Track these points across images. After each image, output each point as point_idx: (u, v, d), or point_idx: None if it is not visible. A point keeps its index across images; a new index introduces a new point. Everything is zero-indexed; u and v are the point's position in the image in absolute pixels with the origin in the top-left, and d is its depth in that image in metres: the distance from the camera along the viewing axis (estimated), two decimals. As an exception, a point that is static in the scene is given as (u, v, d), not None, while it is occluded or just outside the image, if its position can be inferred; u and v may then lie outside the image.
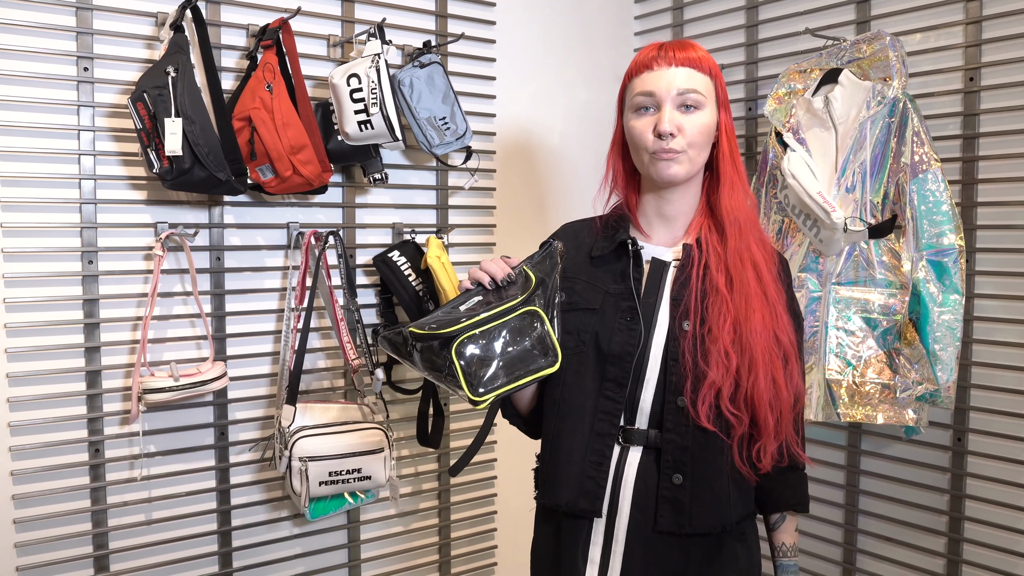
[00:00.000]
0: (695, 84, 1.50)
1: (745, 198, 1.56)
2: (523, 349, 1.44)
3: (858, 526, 2.54)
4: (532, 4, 2.86)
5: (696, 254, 1.54)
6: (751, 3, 2.75)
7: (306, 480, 2.16)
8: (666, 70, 1.50)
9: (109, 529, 2.17)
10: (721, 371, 1.45)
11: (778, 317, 1.51)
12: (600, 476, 1.49)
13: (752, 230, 1.54)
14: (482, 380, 1.40)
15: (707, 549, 1.51)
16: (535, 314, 1.45)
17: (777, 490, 1.61)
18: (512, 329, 1.44)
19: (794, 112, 2.37)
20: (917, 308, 2.15)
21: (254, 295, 2.36)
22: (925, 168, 2.12)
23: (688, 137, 1.49)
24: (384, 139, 2.23)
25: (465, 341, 1.40)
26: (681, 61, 1.50)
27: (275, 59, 2.17)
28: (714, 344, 1.47)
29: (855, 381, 2.22)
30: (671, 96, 1.49)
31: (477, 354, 1.40)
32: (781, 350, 1.50)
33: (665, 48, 1.52)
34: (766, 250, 1.56)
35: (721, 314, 1.48)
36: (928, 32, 2.33)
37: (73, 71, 2.08)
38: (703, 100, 1.50)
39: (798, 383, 1.54)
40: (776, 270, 1.58)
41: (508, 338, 1.43)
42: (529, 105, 2.87)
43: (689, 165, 1.51)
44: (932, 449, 2.36)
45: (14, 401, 2.04)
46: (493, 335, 1.42)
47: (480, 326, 1.41)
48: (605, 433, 1.50)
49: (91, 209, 2.11)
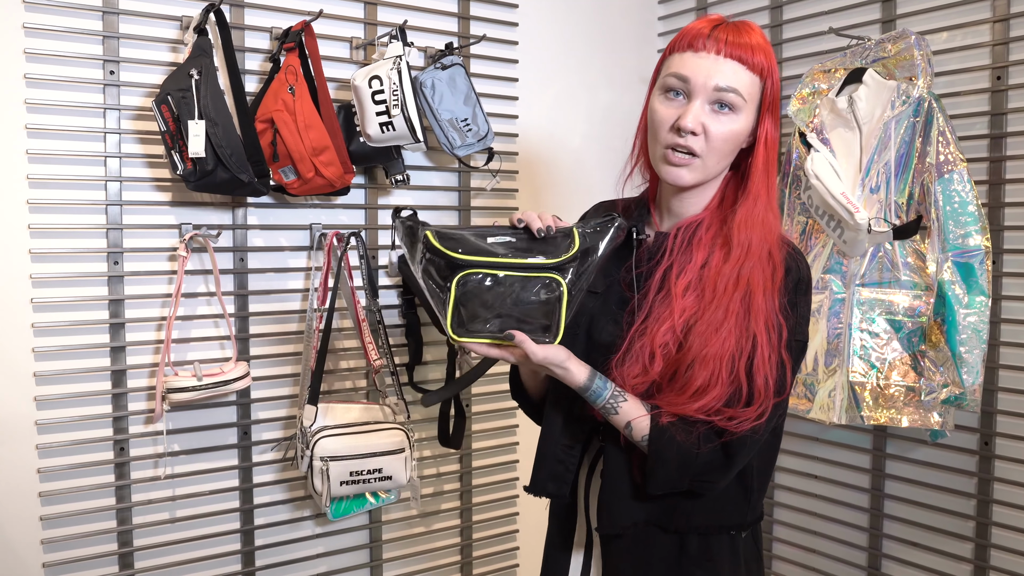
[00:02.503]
0: (738, 83, 1.30)
1: (767, 215, 1.36)
2: (526, 312, 1.30)
3: (883, 530, 2.51)
4: (555, 5, 2.86)
5: (669, 244, 1.39)
6: (775, 3, 2.73)
7: (327, 480, 2.17)
8: (711, 58, 1.30)
9: (133, 527, 2.20)
10: (637, 370, 1.33)
11: (758, 351, 1.29)
12: (569, 460, 1.42)
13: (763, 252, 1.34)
14: (469, 321, 1.29)
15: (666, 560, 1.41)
16: (557, 284, 1.29)
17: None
18: (526, 288, 1.29)
19: (818, 112, 2.35)
20: (942, 310, 2.12)
21: (277, 296, 2.37)
22: (951, 168, 2.09)
23: (711, 142, 1.31)
24: (406, 141, 2.24)
25: (472, 275, 1.27)
26: (731, 51, 1.30)
27: (298, 61, 2.18)
28: (641, 341, 1.34)
29: (879, 384, 2.19)
30: (707, 90, 1.30)
31: (478, 294, 1.28)
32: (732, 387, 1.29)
33: (719, 29, 1.31)
34: (775, 269, 1.34)
35: (663, 315, 1.33)
36: (954, 31, 2.30)
37: (100, 74, 2.11)
38: (741, 104, 1.31)
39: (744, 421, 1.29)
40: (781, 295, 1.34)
41: (517, 294, 1.29)
42: (551, 107, 2.87)
43: (701, 173, 1.35)
44: (958, 453, 2.33)
45: (41, 400, 2.07)
46: (504, 283, 1.28)
47: (496, 268, 1.28)
48: (581, 418, 1.42)
49: (117, 210, 2.14)
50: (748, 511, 1.44)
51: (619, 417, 1.33)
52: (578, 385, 1.32)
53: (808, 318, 1.41)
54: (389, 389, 2.42)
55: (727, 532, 1.42)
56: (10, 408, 2.05)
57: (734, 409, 1.29)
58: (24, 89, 2.03)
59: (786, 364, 1.32)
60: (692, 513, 1.39)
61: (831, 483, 2.63)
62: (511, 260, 1.28)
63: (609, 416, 1.33)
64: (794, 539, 2.74)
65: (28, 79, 2.03)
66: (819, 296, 2.31)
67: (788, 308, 1.35)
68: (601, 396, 1.32)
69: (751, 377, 1.29)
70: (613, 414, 1.33)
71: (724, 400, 1.29)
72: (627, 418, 1.32)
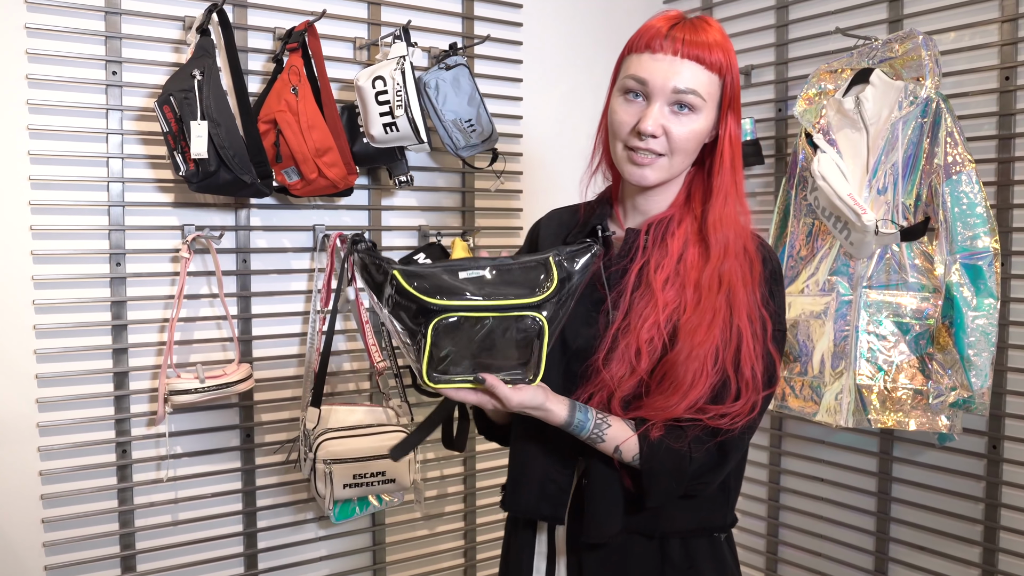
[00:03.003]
0: (697, 84, 1.29)
1: (738, 212, 1.36)
2: (503, 352, 1.23)
3: (890, 534, 2.49)
4: (559, 5, 2.85)
5: (641, 241, 1.37)
6: (781, 3, 2.71)
7: (330, 483, 2.16)
8: (668, 59, 1.29)
9: (136, 529, 2.19)
10: (623, 370, 1.29)
11: (742, 344, 1.29)
12: (564, 481, 1.36)
13: (738, 247, 1.34)
14: (443, 366, 1.21)
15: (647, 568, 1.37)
16: (536, 322, 1.23)
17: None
18: (503, 326, 1.22)
19: (824, 113, 2.33)
20: (951, 312, 2.10)
21: (280, 297, 2.36)
22: (959, 169, 2.08)
23: (673, 143, 1.31)
24: (409, 141, 2.23)
25: (447, 320, 1.19)
26: (689, 51, 1.28)
27: (301, 62, 2.17)
28: (625, 339, 1.30)
29: (886, 387, 2.17)
30: (666, 92, 1.29)
31: (452, 336, 1.20)
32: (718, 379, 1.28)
33: (676, 29, 1.30)
34: (752, 264, 1.34)
35: (646, 310, 1.31)
36: (962, 30, 2.28)
37: (102, 75, 2.10)
38: (701, 104, 1.30)
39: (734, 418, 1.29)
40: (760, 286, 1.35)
41: (493, 334, 1.22)
42: (556, 107, 2.85)
43: (665, 173, 1.34)
44: (966, 456, 2.31)
45: (43, 402, 2.06)
46: (480, 324, 1.21)
47: (473, 311, 1.20)
48: (570, 441, 1.34)
49: (119, 212, 2.13)
50: (728, 512, 1.42)
51: (606, 444, 1.29)
52: (559, 423, 1.27)
53: (784, 307, 1.40)
54: (392, 391, 2.40)
55: (708, 535, 1.40)
56: (12, 410, 2.04)
57: (724, 405, 1.27)
58: (26, 90, 2.02)
59: (773, 355, 1.32)
60: (676, 518, 1.37)
61: (837, 486, 2.61)
62: (489, 302, 1.21)
63: (596, 445, 1.29)
64: (800, 542, 2.72)
65: (30, 79, 2.02)
66: (826, 298, 2.30)
67: (768, 299, 1.35)
68: (584, 428, 1.28)
69: (738, 369, 1.28)
70: (600, 442, 1.29)
71: (711, 394, 1.27)
72: (614, 443, 1.28)
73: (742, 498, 2.89)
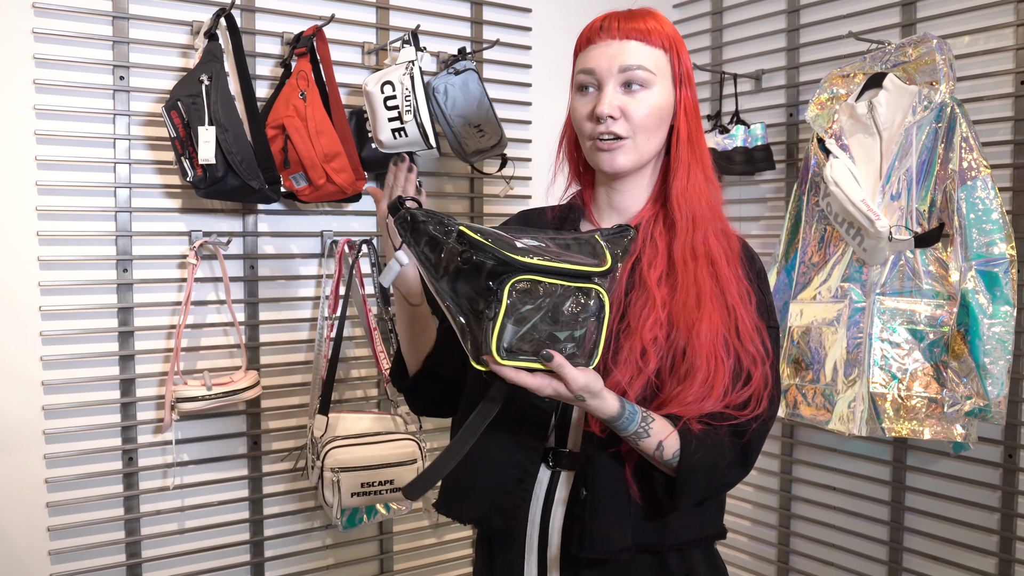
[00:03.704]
0: (642, 59, 1.30)
1: (706, 186, 1.34)
2: (566, 329, 1.08)
3: (904, 544, 2.46)
4: (568, 10, 2.83)
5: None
6: (792, 7, 2.69)
7: (338, 491, 2.14)
8: (609, 43, 1.31)
9: (142, 538, 2.17)
10: (631, 372, 1.25)
11: (739, 320, 1.29)
12: (520, 494, 1.30)
13: (711, 221, 1.33)
14: (510, 341, 1.05)
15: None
16: (600, 296, 1.10)
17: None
18: (571, 299, 1.08)
19: (837, 118, 2.31)
20: (966, 320, 2.08)
21: (287, 304, 2.35)
22: (974, 175, 2.05)
23: (634, 121, 1.30)
24: (418, 147, 2.21)
25: (524, 282, 1.03)
26: (628, 33, 1.31)
27: (309, 67, 2.16)
28: (628, 340, 1.27)
29: (900, 395, 2.15)
30: (613, 74, 1.30)
31: (523, 306, 1.04)
32: (731, 359, 1.27)
33: (610, 19, 1.33)
34: (730, 243, 1.35)
35: (644, 309, 1.28)
36: (977, 34, 2.26)
37: (109, 80, 2.09)
38: (652, 78, 1.30)
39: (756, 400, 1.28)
40: (742, 267, 1.35)
41: (560, 307, 1.07)
42: (566, 112, 2.82)
43: (636, 154, 1.32)
44: (982, 466, 2.28)
45: (49, 409, 2.05)
46: (550, 294, 1.06)
47: (549, 274, 1.05)
48: (530, 447, 1.31)
49: (126, 217, 2.12)
50: (722, 517, 1.40)
51: (650, 440, 1.22)
52: (611, 414, 1.18)
53: (773, 306, 1.39)
54: (400, 399, 2.38)
55: (705, 544, 1.37)
56: (18, 417, 2.03)
57: (740, 389, 1.26)
58: (33, 95, 2.01)
59: (762, 330, 1.32)
60: (680, 528, 1.32)
61: (850, 495, 2.59)
62: (563, 265, 1.06)
63: (640, 441, 1.22)
64: (811, 552, 2.69)
65: (37, 85, 2.01)
66: (838, 305, 2.27)
67: (754, 280, 1.35)
68: (633, 422, 1.20)
69: (743, 347, 1.28)
70: (645, 438, 1.22)
71: (730, 379, 1.26)
72: (658, 439, 1.22)
73: (752, 506, 2.86)
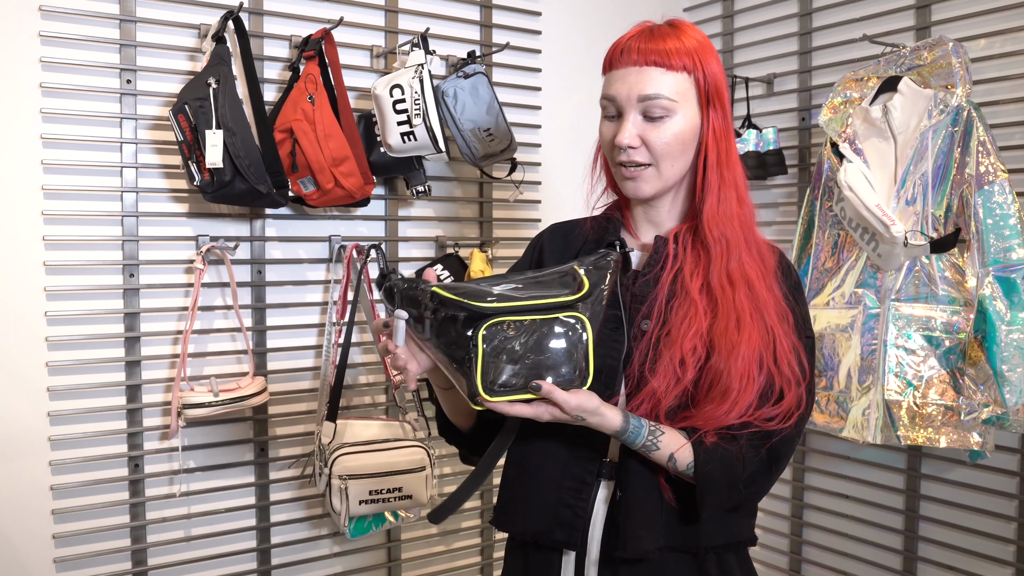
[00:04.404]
0: (661, 88, 1.28)
1: (739, 207, 1.34)
2: (551, 358, 1.18)
3: (918, 554, 2.43)
4: (578, 13, 2.81)
5: (671, 249, 1.35)
6: (804, 10, 2.67)
7: (346, 499, 2.12)
8: (629, 71, 1.30)
9: (148, 545, 2.15)
10: (668, 381, 1.26)
11: (777, 341, 1.29)
12: (579, 505, 1.32)
13: (745, 242, 1.34)
14: (498, 378, 1.16)
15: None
16: (580, 322, 1.19)
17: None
18: (549, 330, 1.18)
19: (850, 122, 2.29)
20: (983, 326, 2.04)
21: (295, 309, 2.33)
22: (991, 179, 2.03)
23: (656, 150, 1.30)
24: (427, 151, 2.19)
25: (496, 325, 1.15)
26: (647, 57, 1.29)
27: (317, 70, 2.14)
28: (668, 349, 1.27)
29: (916, 402, 2.12)
30: (633, 103, 1.29)
31: (503, 345, 1.15)
32: (763, 377, 1.27)
33: (633, 40, 1.31)
34: (764, 260, 1.35)
35: (687, 318, 1.28)
36: (993, 37, 2.23)
37: (116, 83, 2.08)
38: (673, 106, 1.28)
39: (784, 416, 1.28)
40: (778, 283, 1.35)
41: (541, 339, 1.17)
42: (576, 116, 2.81)
43: (659, 181, 1.33)
44: (998, 475, 2.25)
45: (54, 415, 2.03)
46: (526, 330, 1.17)
47: (518, 313, 1.16)
48: (585, 457, 1.32)
49: (132, 222, 2.10)
50: (753, 523, 1.41)
51: (661, 452, 1.24)
52: (615, 429, 1.23)
53: (809, 316, 1.40)
54: (409, 405, 2.36)
55: (738, 549, 1.37)
56: (23, 423, 2.01)
57: (771, 406, 1.26)
58: (39, 98, 2.00)
59: (799, 350, 1.32)
60: (717, 531, 1.33)
61: (863, 503, 2.56)
62: (532, 302, 1.17)
63: (650, 453, 1.25)
64: (824, 561, 2.66)
65: (44, 88, 2.00)
66: (852, 311, 2.25)
67: (790, 295, 1.35)
68: (639, 436, 1.23)
69: (779, 368, 1.28)
70: (654, 451, 1.24)
71: (759, 398, 1.26)
72: (669, 451, 1.24)
73: (764, 514, 2.83)
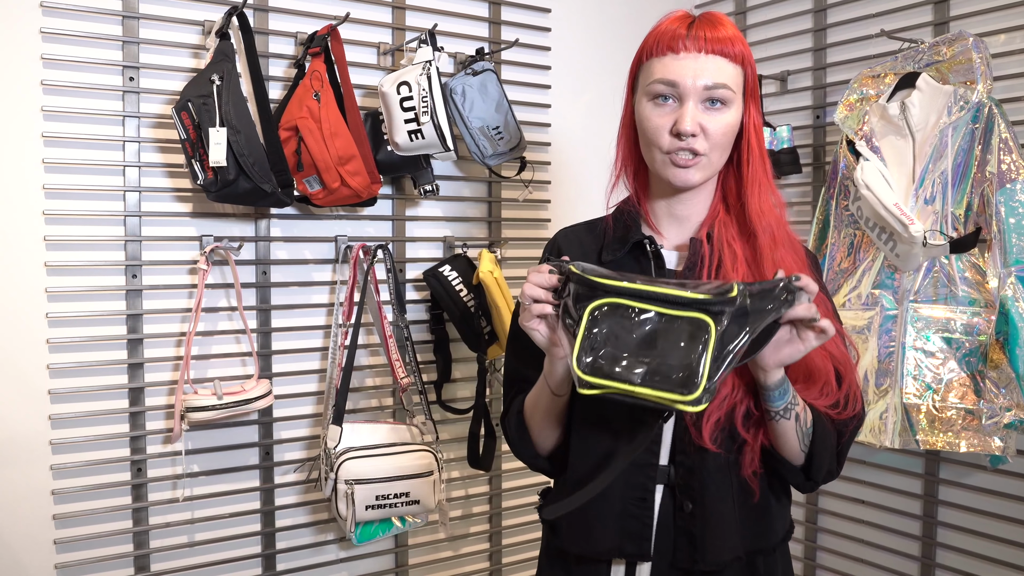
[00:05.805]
0: (725, 78, 1.29)
1: (775, 199, 1.37)
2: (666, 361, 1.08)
3: (936, 560, 2.38)
4: (588, 11, 2.78)
5: (707, 250, 1.35)
6: (818, 6, 2.62)
7: (352, 504, 2.08)
8: (694, 58, 1.29)
9: (151, 551, 2.12)
10: (737, 384, 1.27)
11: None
12: (645, 515, 1.31)
13: (783, 234, 1.36)
14: (596, 361, 1.09)
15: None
16: (705, 326, 1.08)
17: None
18: (669, 327, 1.09)
19: (867, 119, 2.24)
20: (1005, 328, 2.00)
21: (300, 310, 2.30)
22: (1013, 177, 1.98)
23: (713, 139, 1.30)
24: (435, 149, 2.16)
25: (610, 304, 1.10)
26: (712, 47, 1.29)
27: (323, 67, 2.11)
28: None
29: (935, 406, 2.07)
30: (697, 90, 1.29)
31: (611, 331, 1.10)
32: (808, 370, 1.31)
33: (695, 27, 1.31)
34: (797, 254, 1.37)
35: None
36: (1013, 32, 2.18)
37: (119, 81, 2.05)
38: (732, 96, 1.31)
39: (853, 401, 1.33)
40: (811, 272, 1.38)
41: (658, 334, 1.09)
42: (585, 114, 2.77)
43: (709, 171, 1.33)
44: (1020, 480, 2.20)
45: (56, 418, 2.00)
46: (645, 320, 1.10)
47: (638, 297, 1.10)
48: (645, 464, 1.31)
49: (135, 222, 2.07)
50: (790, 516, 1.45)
51: (798, 410, 1.27)
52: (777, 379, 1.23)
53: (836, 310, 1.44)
54: (417, 408, 2.33)
55: (783, 543, 1.41)
56: (24, 427, 1.98)
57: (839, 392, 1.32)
58: (41, 96, 1.97)
59: (843, 335, 1.35)
60: (778, 527, 1.38)
61: (880, 509, 2.51)
62: (653, 288, 1.10)
63: (789, 414, 1.26)
64: (839, 567, 2.62)
65: (45, 85, 1.97)
66: (869, 313, 2.20)
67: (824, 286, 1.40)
68: (788, 392, 1.25)
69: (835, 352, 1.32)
70: (794, 408, 1.26)
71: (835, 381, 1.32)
72: (797, 412, 1.27)
73: (778, 520, 2.79)
